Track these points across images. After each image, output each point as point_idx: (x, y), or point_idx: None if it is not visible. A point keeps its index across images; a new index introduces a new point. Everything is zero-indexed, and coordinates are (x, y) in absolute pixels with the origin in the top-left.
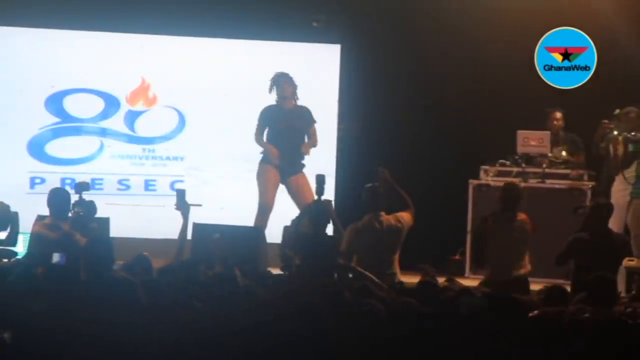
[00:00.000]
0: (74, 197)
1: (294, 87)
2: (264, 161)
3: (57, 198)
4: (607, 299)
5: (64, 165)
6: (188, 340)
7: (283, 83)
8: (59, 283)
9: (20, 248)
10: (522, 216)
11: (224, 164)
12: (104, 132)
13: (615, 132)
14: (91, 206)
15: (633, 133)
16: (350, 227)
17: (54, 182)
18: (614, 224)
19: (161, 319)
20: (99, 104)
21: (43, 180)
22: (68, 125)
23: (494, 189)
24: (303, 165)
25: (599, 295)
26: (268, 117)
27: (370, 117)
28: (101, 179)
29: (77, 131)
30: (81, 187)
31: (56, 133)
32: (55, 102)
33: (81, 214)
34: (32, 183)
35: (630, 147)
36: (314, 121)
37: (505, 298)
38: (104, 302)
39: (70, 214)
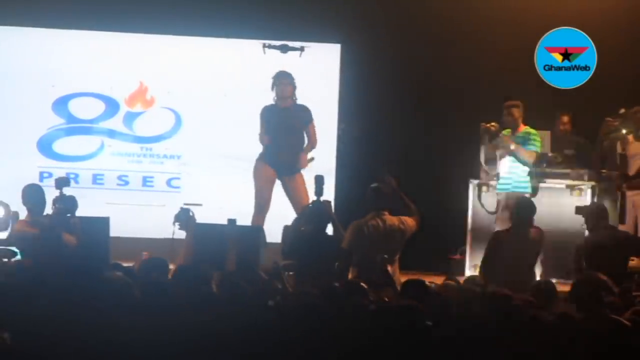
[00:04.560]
0: (55, 193)
1: (294, 87)
2: (260, 159)
3: (32, 195)
4: (591, 301)
5: (69, 162)
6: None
7: (284, 83)
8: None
9: None
10: (534, 231)
11: (219, 162)
12: (104, 132)
13: (624, 131)
14: (72, 201)
15: None
16: (353, 224)
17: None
18: (628, 222)
19: (162, 320)
20: (100, 107)
21: (50, 175)
22: (73, 126)
23: (494, 189)
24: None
25: (583, 298)
26: (267, 117)
27: (370, 117)
28: (102, 175)
29: (80, 131)
30: (61, 182)
31: (62, 133)
32: (61, 105)
33: (62, 209)
34: (41, 177)
35: None
36: (312, 119)
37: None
38: (99, 303)
39: (51, 210)
